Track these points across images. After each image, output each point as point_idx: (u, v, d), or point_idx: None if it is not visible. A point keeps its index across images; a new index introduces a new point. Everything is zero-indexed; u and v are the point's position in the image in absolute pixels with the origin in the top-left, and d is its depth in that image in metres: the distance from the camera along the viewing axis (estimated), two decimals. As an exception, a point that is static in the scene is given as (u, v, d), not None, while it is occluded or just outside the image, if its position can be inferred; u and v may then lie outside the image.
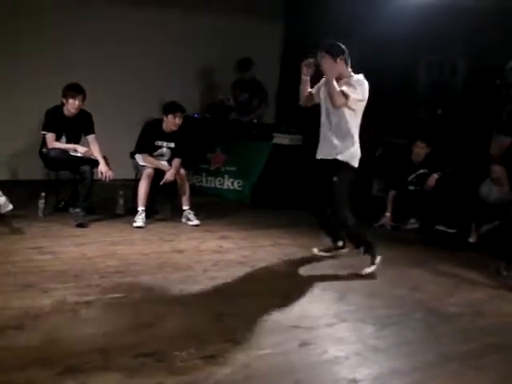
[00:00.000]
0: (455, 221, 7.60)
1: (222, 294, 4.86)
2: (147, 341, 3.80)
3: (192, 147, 8.00)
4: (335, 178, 5.52)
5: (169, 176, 7.10)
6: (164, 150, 7.30)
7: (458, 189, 7.64)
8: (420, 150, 7.84)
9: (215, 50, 9.89)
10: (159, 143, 7.28)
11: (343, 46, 5.54)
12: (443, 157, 7.97)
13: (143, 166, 7.17)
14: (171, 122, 7.18)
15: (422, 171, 7.84)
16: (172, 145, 7.29)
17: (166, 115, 7.20)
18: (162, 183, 7.11)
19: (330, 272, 5.61)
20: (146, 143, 7.25)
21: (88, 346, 3.66)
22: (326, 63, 5.47)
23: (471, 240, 7.26)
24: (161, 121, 7.26)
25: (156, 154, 7.28)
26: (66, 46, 8.83)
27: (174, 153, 7.29)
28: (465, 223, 7.39)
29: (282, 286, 5.20)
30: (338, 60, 5.47)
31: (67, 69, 8.38)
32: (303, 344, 3.95)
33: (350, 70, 5.60)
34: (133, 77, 9.37)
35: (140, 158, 7.25)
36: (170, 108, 7.23)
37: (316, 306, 4.73)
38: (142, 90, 9.34)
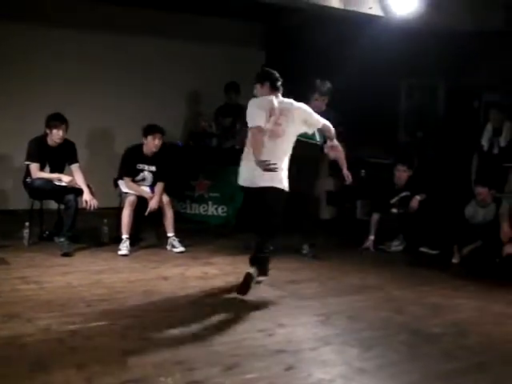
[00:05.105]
0: (438, 242, 7.67)
1: (208, 320, 4.86)
2: (133, 367, 3.82)
3: (175, 173, 8.03)
4: None
5: (153, 205, 7.13)
6: (146, 173, 7.34)
7: (441, 210, 7.71)
8: (401, 174, 7.92)
9: (198, 78, 9.98)
10: (140, 166, 7.32)
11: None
12: (425, 179, 8.06)
13: (126, 193, 7.21)
14: (151, 144, 7.24)
15: (404, 194, 7.91)
16: (153, 168, 7.34)
17: (146, 137, 7.26)
18: (147, 213, 7.14)
19: (314, 296, 5.63)
20: (128, 167, 7.30)
21: (73, 374, 3.66)
22: None
23: (454, 261, 7.33)
24: (141, 145, 7.32)
25: (138, 178, 7.32)
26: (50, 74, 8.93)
27: (156, 177, 7.34)
28: (448, 244, 7.47)
29: (268, 310, 5.21)
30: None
31: (48, 94, 8.49)
32: (288, 368, 3.97)
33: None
34: (116, 105, 9.43)
35: (123, 184, 7.29)
36: (149, 129, 7.29)
37: (301, 330, 4.76)
38: (124, 119, 9.37)
